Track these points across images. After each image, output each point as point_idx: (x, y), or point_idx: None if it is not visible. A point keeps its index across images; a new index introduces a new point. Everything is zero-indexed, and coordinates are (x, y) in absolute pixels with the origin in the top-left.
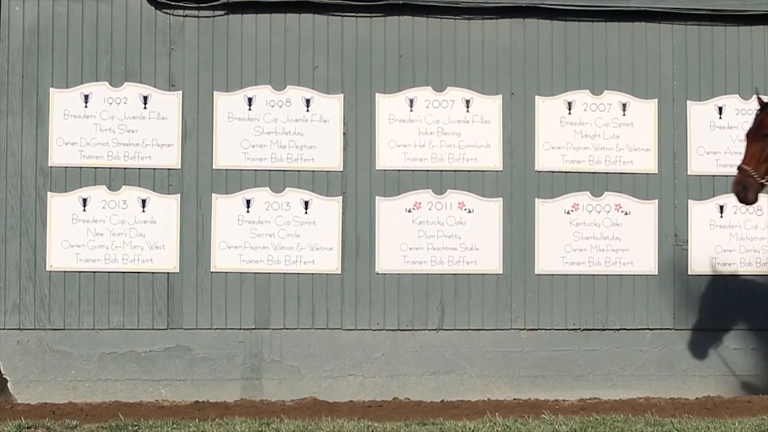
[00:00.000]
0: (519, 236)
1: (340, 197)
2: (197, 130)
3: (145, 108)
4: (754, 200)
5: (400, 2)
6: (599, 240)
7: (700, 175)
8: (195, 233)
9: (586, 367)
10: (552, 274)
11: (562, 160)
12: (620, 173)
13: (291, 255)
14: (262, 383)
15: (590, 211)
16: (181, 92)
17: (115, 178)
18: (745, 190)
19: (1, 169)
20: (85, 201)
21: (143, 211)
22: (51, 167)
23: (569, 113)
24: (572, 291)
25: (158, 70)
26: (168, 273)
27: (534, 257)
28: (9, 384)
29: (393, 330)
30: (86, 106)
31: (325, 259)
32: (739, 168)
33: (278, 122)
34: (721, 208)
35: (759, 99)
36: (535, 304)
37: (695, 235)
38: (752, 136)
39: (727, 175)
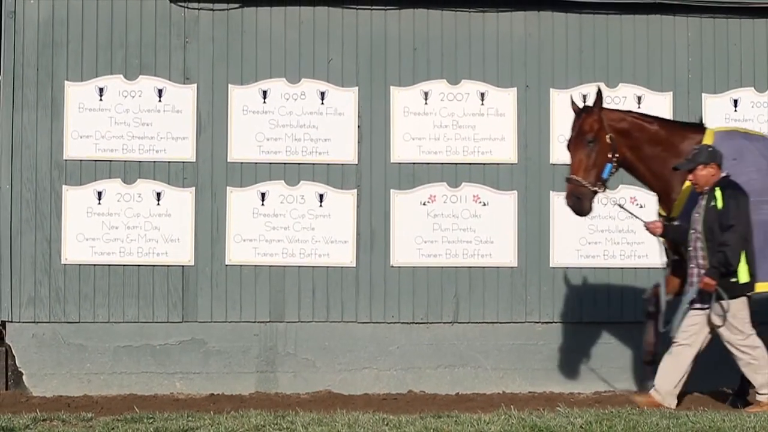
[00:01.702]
0: (534, 229)
1: (355, 190)
2: (212, 123)
3: (159, 101)
4: (590, 209)
5: None
6: (614, 233)
7: None
8: (210, 226)
9: (601, 360)
10: (567, 267)
11: None
12: None
13: (306, 248)
14: (277, 376)
15: (605, 204)
16: (195, 85)
17: (129, 171)
18: (580, 201)
19: (16, 162)
20: (100, 194)
21: (158, 204)
22: (66, 160)
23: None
24: (587, 284)
25: (173, 63)
26: (183, 266)
27: (549, 250)
28: (24, 377)
29: (408, 323)
30: (101, 100)
31: (340, 252)
32: (568, 179)
33: (293, 115)
34: None
35: (573, 105)
36: (549, 297)
37: None
38: (576, 144)
39: None
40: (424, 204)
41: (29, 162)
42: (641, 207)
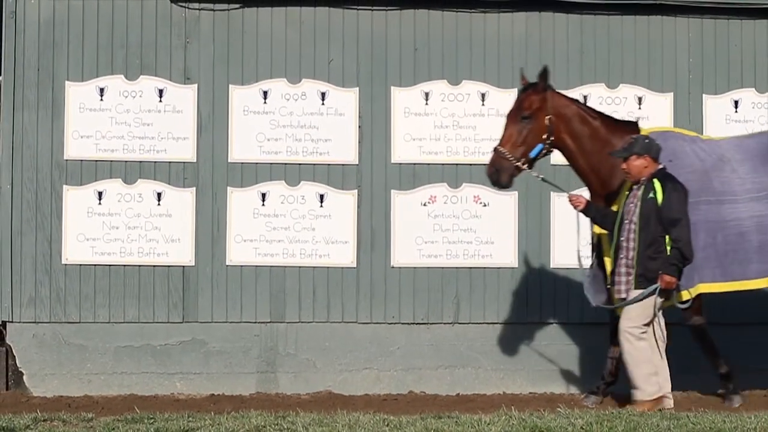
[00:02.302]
0: (534, 230)
1: (356, 191)
2: (212, 123)
3: (160, 101)
4: (509, 183)
5: None
6: None
7: None
8: (210, 227)
9: (602, 360)
10: (567, 268)
11: None
12: None
13: (306, 248)
14: (278, 376)
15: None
16: (196, 85)
17: (130, 171)
18: (498, 173)
19: (16, 163)
20: (100, 194)
21: (159, 204)
22: (66, 160)
23: None
24: None
25: (173, 63)
26: (183, 266)
27: (549, 251)
28: (25, 377)
29: (408, 324)
30: (102, 100)
31: (341, 252)
32: (495, 149)
33: (293, 115)
34: None
35: (523, 78)
36: (550, 298)
37: None
38: (511, 117)
39: None
40: (424, 204)
41: (30, 162)
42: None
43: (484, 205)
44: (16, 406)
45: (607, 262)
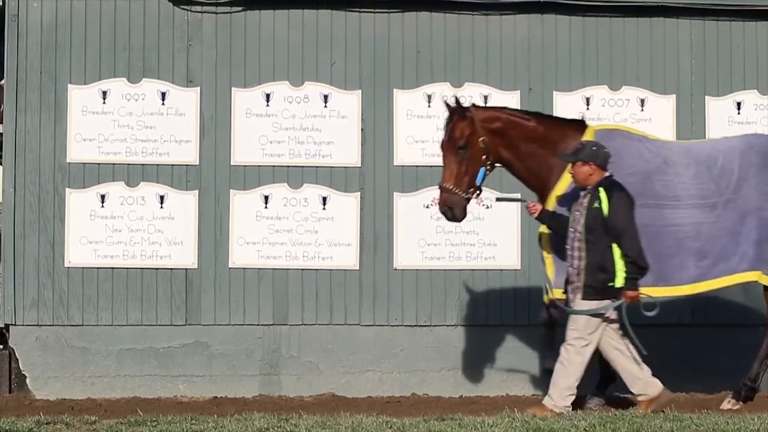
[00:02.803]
0: (536, 232)
1: (358, 193)
2: (215, 126)
3: (163, 104)
4: (463, 216)
5: None
6: None
7: None
8: (213, 229)
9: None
10: None
11: None
12: None
13: (309, 251)
14: (281, 379)
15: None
16: (199, 88)
17: (133, 174)
18: (452, 210)
19: (19, 166)
20: (103, 197)
21: (161, 207)
22: (69, 163)
23: (587, 108)
24: None
25: (176, 66)
26: (186, 269)
27: None
28: (28, 380)
29: (411, 326)
30: (104, 103)
31: (344, 254)
32: (441, 187)
33: (296, 118)
34: None
35: (447, 105)
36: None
37: None
38: (447, 150)
39: None
40: (427, 207)
41: (33, 165)
42: None
43: (487, 207)
44: (19, 409)
45: (547, 258)
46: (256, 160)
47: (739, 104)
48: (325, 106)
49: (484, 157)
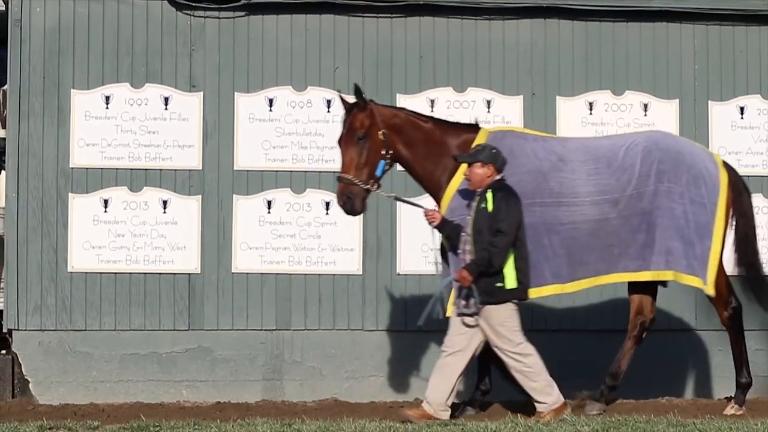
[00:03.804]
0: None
1: None
2: (218, 131)
3: (166, 109)
4: (363, 209)
5: (421, 2)
6: None
7: None
8: (216, 234)
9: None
10: None
11: None
12: None
13: (312, 256)
14: (284, 384)
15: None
16: (202, 93)
17: (136, 179)
18: (351, 201)
19: (22, 171)
20: (106, 202)
21: (164, 212)
22: (72, 168)
23: (590, 113)
24: (593, 291)
25: (179, 71)
26: (189, 274)
27: None
28: (31, 385)
29: (414, 331)
30: (107, 108)
31: (347, 259)
32: (340, 178)
33: (299, 123)
34: None
35: (342, 100)
36: (556, 305)
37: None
38: (346, 141)
39: (749, 176)
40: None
41: (35, 170)
42: None
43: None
44: (22, 414)
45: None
46: (259, 165)
47: (742, 109)
48: (328, 111)
49: (383, 150)
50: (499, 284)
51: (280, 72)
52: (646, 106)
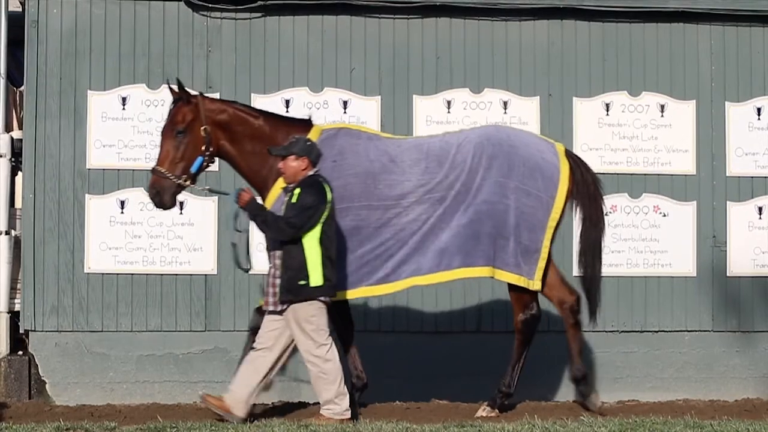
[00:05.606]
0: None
1: None
2: None
3: None
4: (172, 204)
5: (438, 4)
6: (637, 242)
7: (739, 177)
8: (232, 235)
9: (625, 369)
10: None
11: (600, 161)
12: (658, 175)
13: None
14: (300, 385)
15: (628, 212)
16: (218, 94)
17: None
18: (160, 195)
19: (39, 172)
20: (122, 203)
21: (181, 213)
22: (89, 169)
23: (607, 114)
24: (610, 293)
25: (196, 72)
26: (206, 275)
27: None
28: (47, 386)
29: (431, 332)
30: (124, 109)
31: None
32: (153, 170)
33: None
34: (760, 209)
35: (171, 90)
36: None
37: (734, 236)
38: (166, 133)
39: (766, 177)
40: None
41: (52, 171)
42: (665, 215)
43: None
44: (39, 415)
45: None
46: None
47: (759, 110)
48: (345, 112)
49: (203, 147)
50: (301, 282)
51: (297, 73)
52: (662, 107)
